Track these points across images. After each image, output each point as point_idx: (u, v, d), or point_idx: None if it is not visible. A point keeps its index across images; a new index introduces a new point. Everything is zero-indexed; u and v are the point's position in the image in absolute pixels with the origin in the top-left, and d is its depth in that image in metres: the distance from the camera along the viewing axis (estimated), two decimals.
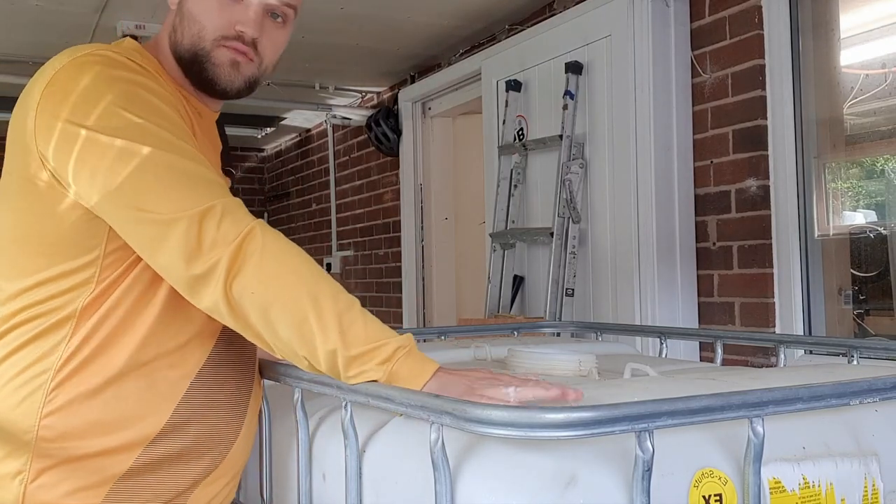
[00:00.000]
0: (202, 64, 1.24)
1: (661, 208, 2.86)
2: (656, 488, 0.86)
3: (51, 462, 1.12)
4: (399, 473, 1.04)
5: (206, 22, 1.23)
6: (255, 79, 1.29)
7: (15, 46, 4.03)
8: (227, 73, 1.25)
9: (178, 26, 1.26)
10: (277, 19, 1.27)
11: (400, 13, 3.73)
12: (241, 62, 1.25)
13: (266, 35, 1.26)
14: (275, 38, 1.29)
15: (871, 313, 2.72)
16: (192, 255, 1.06)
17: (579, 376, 1.42)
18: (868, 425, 1.05)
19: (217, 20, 1.23)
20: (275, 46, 1.29)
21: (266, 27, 1.26)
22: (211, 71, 1.25)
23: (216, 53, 1.24)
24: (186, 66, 1.26)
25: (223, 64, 1.24)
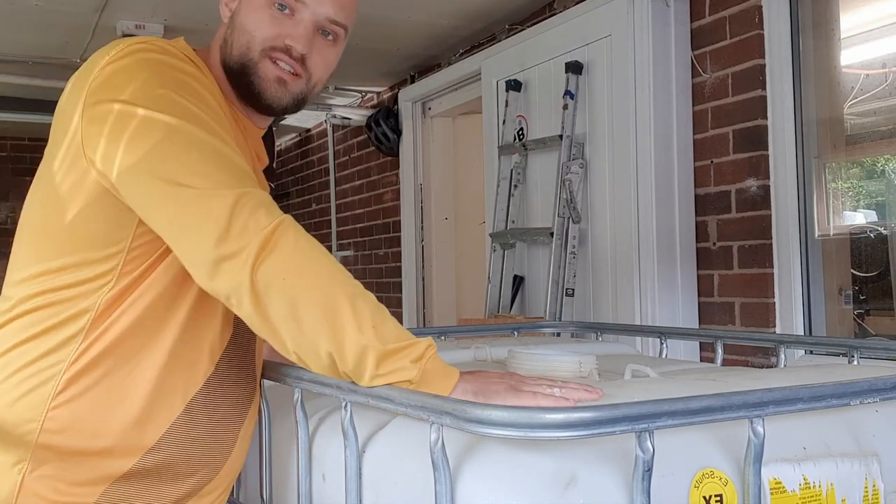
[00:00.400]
0: (249, 76, 1.25)
1: (661, 208, 2.86)
2: (656, 489, 0.86)
3: (51, 455, 1.12)
4: (399, 473, 1.04)
5: (256, 32, 1.24)
6: (303, 96, 1.29)
7: (15, 46, 4.03)
8: (273, 88, 1.25)
9: (229, 38, 1.27)
10: (328, 37, 1.27)
11: (400, 13, 3.73)
12: (287, 80, 1.26)
13: (316, 52, 1.26)
14: (325, 55, 1.29)
15: (872, 313, 2.72)
16: (223, 234, 1.03)
17: (579, 377, 1.42)
18: (868, 425, 1.05)
19: (267, 31, 1.23)
20: (325, 64, 1.29)
21: (316, 44, 1.26)
22: (257, 85, 1.25)
23: (263, 66, 1.24)
24: (235, 78, 1.26)
25: (270, 79, 1.25)
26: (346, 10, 1.28)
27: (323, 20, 1.25)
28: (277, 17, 1.23)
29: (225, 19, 1.30)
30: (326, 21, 1.25)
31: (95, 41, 3.91)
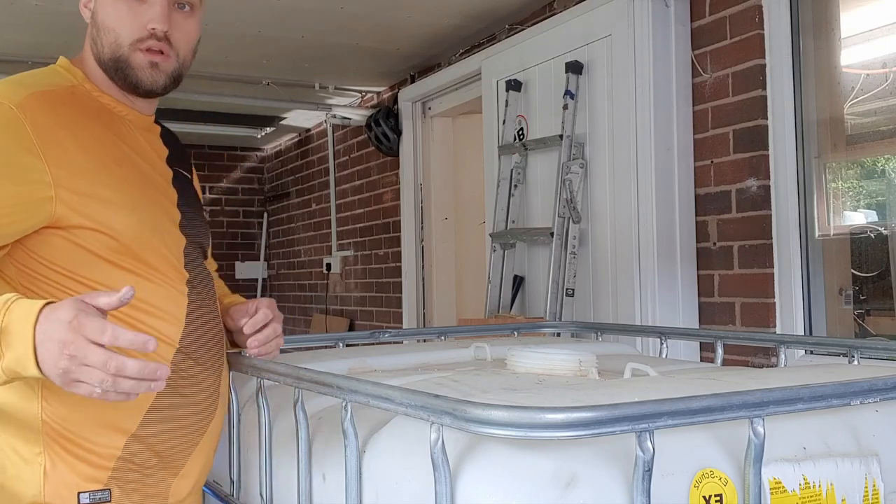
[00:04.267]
0: (124, 70, 1.36)
1: (661, 208, 2.86)
2: (657, 488, 0.85)
3: (59, 447, 1.25)
4: (399, 473, 1.04)
5: (120, 29, 1.34)
6: (177, 73, 1.40)
7: (15, 46, 4.04)
8: (148, 74, 1.36)
9: (96, 37, 1.37)
10: (184, 9, 1.37)
11: (400, 13, 3.73)
12: (159, 62, 1.36)
13: (176, 27, 1.36)
14: (185, 28, 1.38)
15: (872, 313, 2.72)
16: None
17: (579, 376, 1.42)
18: (869, 425, 1.05)
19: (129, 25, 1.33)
20: (187, 37, 1.39)
21: (175, 20, 1.35)
22: (133, 75, 1.36)
23: (135, 58, 1.35)
24: (111, 73, 1.37)
25: (143, 67, 1.35)
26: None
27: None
28: (133, 7, 1.33)
29: (87, 20, 1.39)
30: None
31: None
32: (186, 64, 1.42)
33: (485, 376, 1.42)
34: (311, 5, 3.58)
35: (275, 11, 3.61)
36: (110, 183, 1.30)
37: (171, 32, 1.35)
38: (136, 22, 1.32)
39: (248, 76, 4.66)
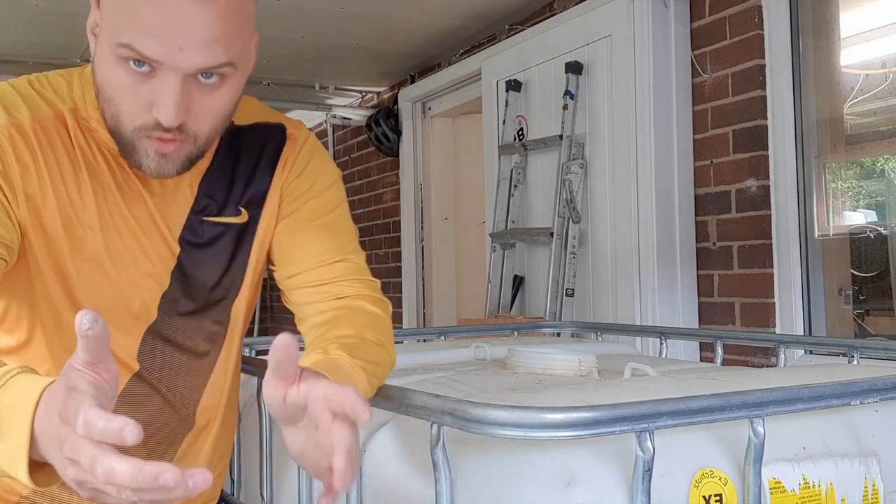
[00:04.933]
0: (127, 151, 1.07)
1: (661, 208, 2.86)
2: (656, 488, 0.86)
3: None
4: (399, 473, 1.04)
5: (122, 106, 1.03)
6: (195, 155, 1.09)
7: (15, 46, 4.04)
8: (155, 163, 1.06)
9: (95, 87, 1.07)
10: (210, 79, 1.01)
11: (400, 13, 3.73)
12: (169, 153, 1.05)
13: (196, 108, 1.02)
14: (208, 106, 1.03)
15: (872, 313, 2.72)
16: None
17: (579, 376, 1.42)
18: (868, 425, 1.05)
19: (132, 105, 1.02)
20: (212, 115, 1.05)
21: (194, 95, 1.01)
22: (137, 160, 1.07)
23: (140, 144, 1.05)
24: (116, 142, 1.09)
25: (149, 154, 1.06)
26: (221, 47, 0.98)
27: (193, 72, 0.99)
28: (137, 81, 0.99)
29: (91, 51, 1.08)
30: (198, 72, 0.99)
31: None
32: (213, 139, 1.11)
33: (485, 376, 1.42)
34: (311, 5, 3.58)
35: (275, 11, 3.61)
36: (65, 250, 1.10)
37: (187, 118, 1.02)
38: (142, 103, 1.01)
39: (249, 76, 4.65)
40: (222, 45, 0.98)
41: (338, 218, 1.22)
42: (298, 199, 1.21)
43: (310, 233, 1.20)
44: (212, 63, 0.98)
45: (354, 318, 1.12)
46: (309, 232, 1.20)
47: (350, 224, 1.26)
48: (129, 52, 0.97)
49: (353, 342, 1.06)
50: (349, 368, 0.99)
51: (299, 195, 1.21)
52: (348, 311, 1.13)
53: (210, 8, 0.96)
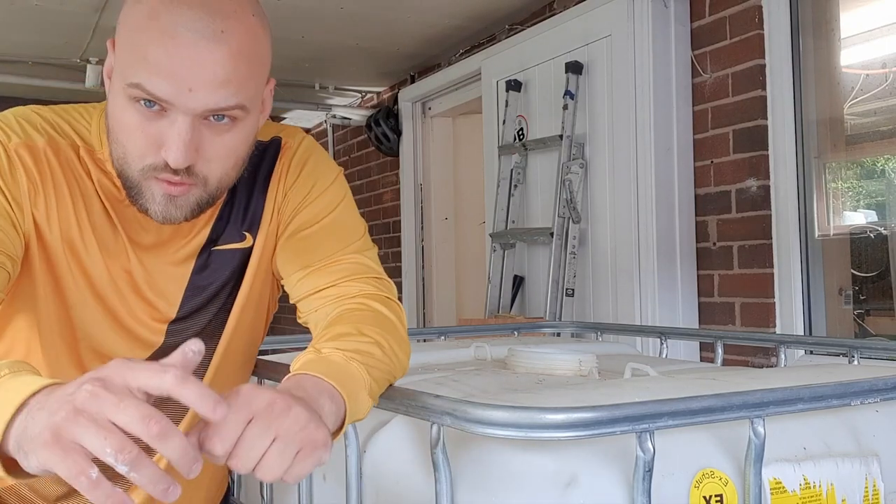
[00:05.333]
0: (134, 196, 1.04)
1: (661, 208, 2.86)
2: (657, 489, 0.85)
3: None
4: (399, 473, 1.04)
5: (129, 147, 1.01)
6: (203, 202, 1.05)
7: (15, 46, 4.03)
8: (162, 207, 1.03)
9: (107, 128, 1.06)
10: (222, 121, 0.99)
11: (400, 13, 3.73)
12: (177, 195, 1.02)
13: (206, 149, 1.00)
14: (219, 147, 1.01)
15: (872, 313, 2.72)
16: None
17: (579, 376, 1.42)
18: (869, 426, 1.05)
19: (140, 146, 0.99)
20: (222, 157, 1.02)
21: (204, 137, 0.99)
22: (143, 205, 1.04)
23: (146, 186, 1.02)
24: (123, 186, 1.06)
25: (156, 199, 1.03)
26: (232, 89, 0.97)
27: (203, 112, 0.97)
28: (148, 118, 0.98)
29: (107, 94, 1.06)
30: (208, 113, 0.98)
31: (95, 41, 3.91)
32: (225, 183, 1.06)
33: (485, 376, 1.42)
34: (311, 5, 3.58)
35: (275, 11, 3.61)
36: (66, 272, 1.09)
37: (196, 160, 1.00)
38: (150, 144, 0.99)
39: None
40: (233, 87, 0.97)
41: (335, 220, 1.18)
42: (295, 210, 1.18)
43: (305, 242, 1.17)
44: (221, 105, 0.97)
45: (354, 315, 1.08)
46: (304, 241, 1.17)
47: (354, 222, 1.20)
48: (140, 93, 0.96)
49: (346, 335, 1.01)
50: (342, 363, 0.95)
51: (296, 206, 1.18)
52: (349, 310, 1.09)
53: (221, 49, 0.95)
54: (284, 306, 1.25)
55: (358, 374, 0.95)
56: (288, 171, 1.19)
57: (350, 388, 0.92)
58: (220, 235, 1.17)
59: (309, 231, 1.17)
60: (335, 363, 0.95)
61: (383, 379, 1.01)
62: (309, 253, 1.15)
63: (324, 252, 1.15)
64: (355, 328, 1.03)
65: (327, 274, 1.14)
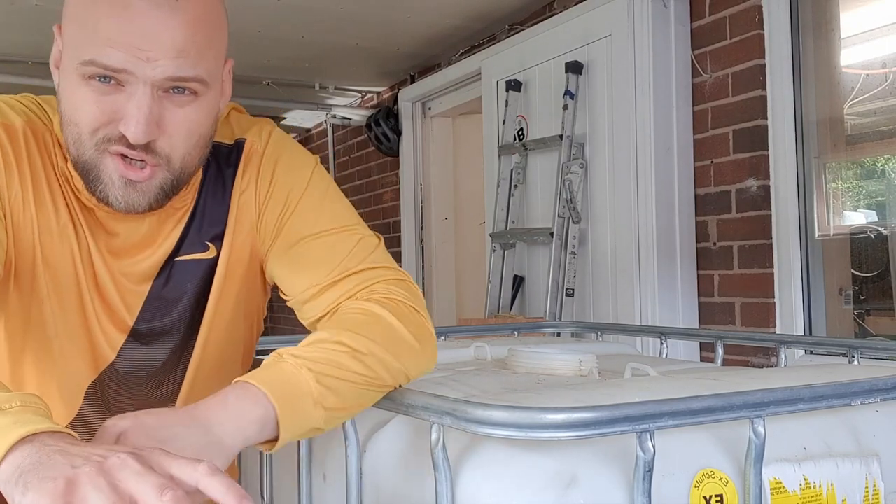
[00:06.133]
0: (91, 181, 0.98)
1: (661, 208, 2.86)
2: (657, 489, 0.85)
3: None
4: (399, 473, 1.04)
5: (83, 123, 0.94)
6: (168, 186, 0.99)
7: (15, 46, 4.03)
8: (122, 192, 0.97)
9: (61, 122, 1.00)
10: (183, 93, 0.95)
11: (400, 13, 3.73)
12: (138, 180, 0.97)
13: (167, 121, 0.94)
14: (180, 119, 0.95)
15: (872, 313, 2.72)
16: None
17: (579, 376, 1.42)
18: (869, 426, 1.05)
19: (94, 118, 0.93)
20: (185, 132, 0.96)
21: (165, 110, 0.94)
22: (103, 192, 0.98)
23: (104, 164, 0.96)
24: (80, 175, 1.00)
25: (115, 182, 0.97)
26: (191, 59, 0.93)
27: (162, 82, 0.93)
28: (103, 93, 0.92)
29: (56, 85, 1.01)
30: (167, 82, 0.93)
31: None
32: (189, 165, 1.00)
33: (485, 376, 1.42)
34: (311, 5, 3.58)
35: (275, 11, 3.61)
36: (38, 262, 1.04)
37: (158, 136, 0.94)
38: (105, 116, 0.93)
39: (249, 76, 4.65)
40: (192, 56, 0.93)
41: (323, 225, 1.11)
42: (278, 221, 1.11)
43: (299, 258, 1.09)
44: (181, 73, 0.92)
45: (344, 318, 1.02)
46: (298, 258, 1.09)
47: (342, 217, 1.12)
48: (94, 69, 0.91)
49: (319, 342, 0.96)
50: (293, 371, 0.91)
51: (278, 216, 1.11)
52: (340, 315, 1.04)
53: (177, 17, 0.92)
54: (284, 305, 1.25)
55: (305, 383, 0.91)
56: (258, 178, 1.12)
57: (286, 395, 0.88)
58: (182, 245, 1.11)
59: (301, 245, 1.10)
60: (283, 371, 0.91)
61: (352, 389, 0.96)
62: (306, 272, 1.09)
63: (323, 269, 1.08)
64: (334, 335, 0.97)
65: (328, 295, 1.07)
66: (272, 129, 1.18)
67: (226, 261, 1.12)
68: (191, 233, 1.11)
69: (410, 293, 1.08)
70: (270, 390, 0.88)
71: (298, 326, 1.17)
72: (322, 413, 0.92)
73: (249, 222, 1.12)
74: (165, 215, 1.09)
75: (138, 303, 1.11)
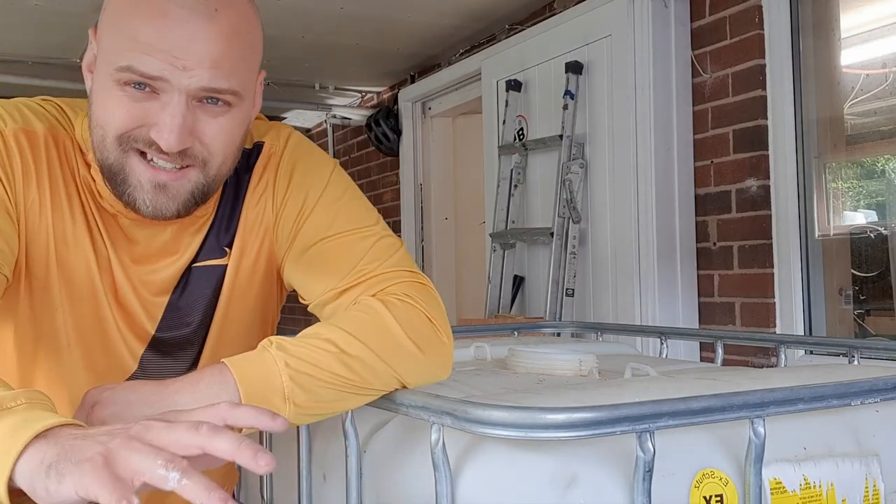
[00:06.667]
0: (118, 185, 0.97)
1: (661, 208, 2.86)
2: (657, 489, 0.85)
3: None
4: (399, 473, 1.04)
5: (110, 125, 0.94)
6: (199, 191, 0.98)
7: (15, 46, 4.03)
8: (152, 198, 0.96)
9: (90, 132, 0.99)
10: (216, 104, 0.95)
11: (400, 13, 3.73)
12: (169, 183, 0.96)
13: (201, 130, 0.95)
14: (215, 129, 0.95)
15: (872, 313, 2.72)
16: None
17: (580, 376, 1.42)
18: (869, 426, 1.05)
19: (123, 121, 0.93)
20: (220, 139, 0.96)
21: (199, 119, 0.94)
22: (129, 194, 0.96)
23: (130, 165, 0.95)
24: (107, 181, 0.99)
25: (143, 186, 0.95)
26: (226, 70, 0.93)
27: (197, 92, 0.93)
28: (136, 99, 0.92)
29: (88, 90, 1.00)
30: (202, 92, 0.93)
31: None
32: (222, 174, 0.99)
33: (485, 376, 1.42)
34: (311, 5, 3.58)
35: (275, 11, 3.61)
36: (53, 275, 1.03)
37: (192, 143, 0.94)
38: (134, 120, 0.93)
39: None
40: (227, 68, 0.93)
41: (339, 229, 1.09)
42: (294, 225, 1.10)
43: (315, 261, 1.08)
44: (217, 85, 0.92)
45: (344, 313, 1.01)
46: (314, 261, 1.08)
47: (361, 218, 1.12)
48: (130, 75, 0.91)
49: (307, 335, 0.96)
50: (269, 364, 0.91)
51: (294, 220, 1.10)
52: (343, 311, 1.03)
53: (213, 27, 0.92)
54: (286, 304, 1.25)
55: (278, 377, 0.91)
56: (275, 181, 1.11)
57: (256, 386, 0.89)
58: (201, 251, 1.10)
59: (316, 249, 1.08)
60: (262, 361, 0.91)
61: (329, 390, 0.95)
62: (322, 277, 1.07)
63: (339, 272, 1.06)
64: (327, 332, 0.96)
65: (348, 295, 1.06)
66: (290, 132, 1.17)
67: (236, 264, 1.11)
68: (210, 239, 1.10)
69: (426, 299, 1.06)
70: (242, 379, 0.89)
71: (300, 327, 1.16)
72: (292, 409, 0.92)
73: (265, 226, 1.11)
74: (188, 222, 1.07)
75: (159, 311, 1.10)
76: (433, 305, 1.07)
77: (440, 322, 1.07)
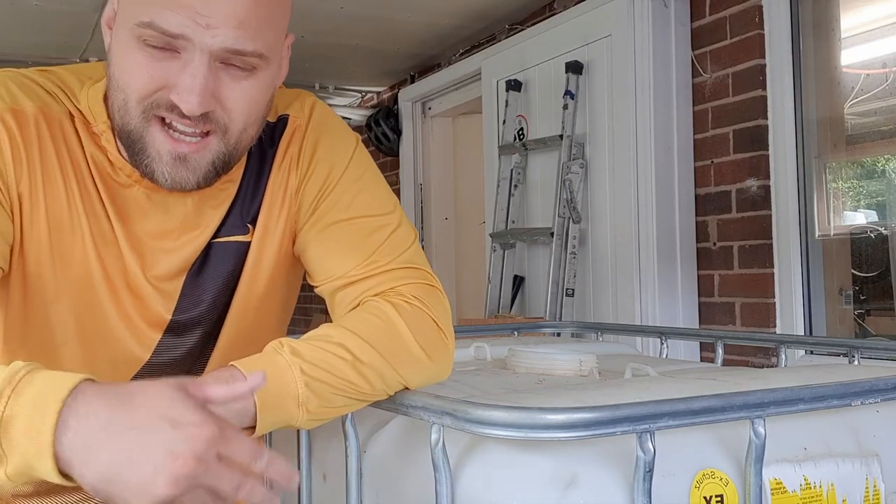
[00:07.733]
0: (137, 153, 0.93)
1: (661, 208, 2.86)
2: (657, 489, 0.85)
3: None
4: (399, 473, 1.04)
5: (132, 87, 0.89)
6: (220, 161, 0.94)
7: (15, 46, 4.04)
8: (171, 169, 0.92)
9: (109, 89, 0.95)
10: (242, 67, 0.91)
11: (400, 13, 3.73)
12: (189, 154, 0.92)
13: (224, 94, 0.90)
14: (239, 94, 0.91)
15: (872, 313, 2.72)
16: None
17: (580, 376, 1.42)
18: (869, 426, 1.05)
19: (144, 83, 0.89)
20: (243, 105, 0.92)
21: (222, 83, 0.89)
22: (148, 165, 0.92)
23: (151, 135, 0.91)
24: (126, 148, 0.95)
25: (162, 157, 0.91)
26: (252, 31, 0.88)
27: (220, 52, 0.88)
28: (157, 59, 0.88)
29: (106, 45, 0.95)
30: (225, 53, 0.88)
31: (95, 41, 3.91)
32: (244, 142, 0.95)
33: (485, 376, 1.42)
34: (311, 5, 3.58)
35: None
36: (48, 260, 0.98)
37: (214, 107, 0.89)
38: (156, 84, 0.88)
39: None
40: (252, 28, 0.88)
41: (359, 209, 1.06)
42: (316, 200, 1.06)
43: (329, 242, 1.05)
44: (241, 46, 0.88)
45: (356, 315, 0.99)
46: (328, 241, 1.05)
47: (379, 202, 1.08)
48: (151, 32, 0.86)
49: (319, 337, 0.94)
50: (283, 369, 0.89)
51: (316, 195, 1.06)
52: (354, 312, 1.00)
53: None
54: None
55: (293, 384, 0.90)
56: (300, 155, 1.07)
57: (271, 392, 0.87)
58: (223, 227, 1.05)
59: (335, 228, 1.05)
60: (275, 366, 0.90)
61: (342, 397, 0.95)
62: (337, 258, 1.04)
63: (352, 260, 1.03)
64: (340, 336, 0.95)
65: (354, 289, 1.04)
66: (314, 102, 1.13)
67: (260, 243, 1.07)
68: (233, 214, 1.05)
69: (434, 303, 1.04)
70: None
71: (301, 320, 1.16)
72: (305, 415, 0.91)
73: (288, 202, 1.07)
74: (209, 194, 1.02)
75: (175, 292, 1.05)
76: (440, 309, 1.05)
77: (445, 326, 1.04)
